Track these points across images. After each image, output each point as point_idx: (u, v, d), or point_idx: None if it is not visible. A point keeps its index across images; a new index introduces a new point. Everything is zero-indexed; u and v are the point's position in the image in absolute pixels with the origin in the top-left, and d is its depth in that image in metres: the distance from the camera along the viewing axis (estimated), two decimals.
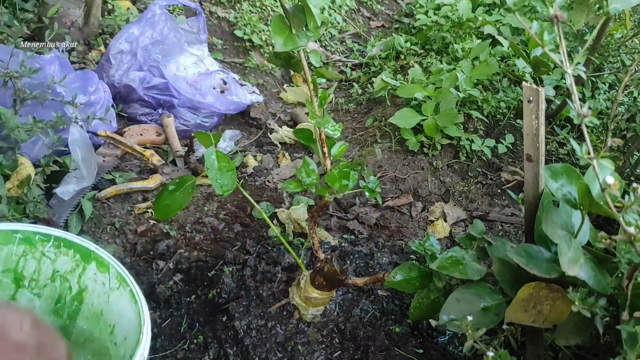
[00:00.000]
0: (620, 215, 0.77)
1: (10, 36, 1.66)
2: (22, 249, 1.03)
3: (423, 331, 1.44)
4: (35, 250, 1.04)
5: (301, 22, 1.07)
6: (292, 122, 2.38)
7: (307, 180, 1.24)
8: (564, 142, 2.20)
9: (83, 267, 1.04)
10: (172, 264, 1.53)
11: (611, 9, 0.88)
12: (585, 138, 0.79)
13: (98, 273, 1.03)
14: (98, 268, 1.03)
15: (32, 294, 1.07)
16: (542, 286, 0.97)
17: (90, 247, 1.02)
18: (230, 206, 1.81)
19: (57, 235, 1.03)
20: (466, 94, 2.10)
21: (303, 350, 1.32)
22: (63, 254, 1.04)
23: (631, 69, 1.44)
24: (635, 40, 2.25)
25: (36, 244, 1.03)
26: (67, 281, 1.06)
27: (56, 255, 1.04)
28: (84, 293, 1.06)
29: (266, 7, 2.84)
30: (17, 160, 1.49)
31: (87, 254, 1.03)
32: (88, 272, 1.04)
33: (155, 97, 2.03)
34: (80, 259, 1.04)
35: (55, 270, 1.05)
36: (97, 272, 1.03)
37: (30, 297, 1.07)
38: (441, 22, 2.75)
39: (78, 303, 1.06)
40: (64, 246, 1.04)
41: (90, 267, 1.03)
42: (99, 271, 1.03)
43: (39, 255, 1.04)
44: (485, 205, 1.98)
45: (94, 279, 1.04)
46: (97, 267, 1.03)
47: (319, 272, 1.30)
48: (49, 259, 1.04)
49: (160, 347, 1.33)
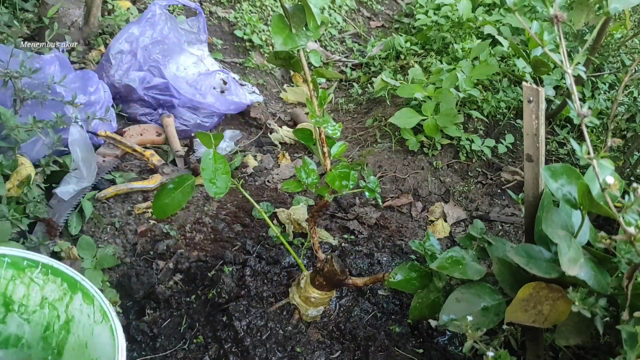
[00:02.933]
0: (620, 215, 0.77)
1: (10, 36, 1.66)
2: (11, 273, 1.01)
3: (423, 331, 1.44)
4: (23, 275, 1.02)
5: (301, 21, 1.07)
6: (292, 122, 2.38)
7: (307, 180, 1.24)
8: (564, 142, 2.20)
9: (70, 297, 1.02)
10: (172, 264, 1.53)
11: (611, 9, 0.88)
12: (585, 138, 0.79)
13: (84, 304, 1.01)
14: (84, 299, 1.01)
15: (22, 319, 1.05)
16: (542, 286, 0.97)
17: (76, 278, 1.00)
18: (230, 206, 1.81)
19: (44, 262, 1.01)
20: (466, 94, 2.10)
21: (303, 350, 1.32)
22: (51, 281, 1.02)
23: (631, 69, 1.44)
24: (635, 40, 2.25)
25: (24, 269, 1.01)
26: (55, 309, 1.04)
27: (44, 282, 1.02)
28: (70, 323, 1.03)
29: (266, 7, 2.84)
30: (17, 160, 1.49)
31: (74, 284, 1.01)
32: (75, 302, 1.02)
33: (155, 97, 2.03)
34: (67, 288, 1.02)
35: (44, 297, 1.03)
36: (82, 303, 1.01)
37: (19, 322, 1.05)
38: (441, 22, 2.75)
39: (65, 332, 1.04)
40: (51, 273, 1.02)
41: (77, 297, 1.01)
42: (85, 303, 1.00)
43: (27, 281, 1.02)
44: (485, 205, 1.98)
45: (80, 309, 1.01)
46: (83, 298, 1.01)
47: (319, 272, 1.30)
48: (38, 285, 1.02)
49: (160, 347, 1.33)
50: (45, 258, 1.02)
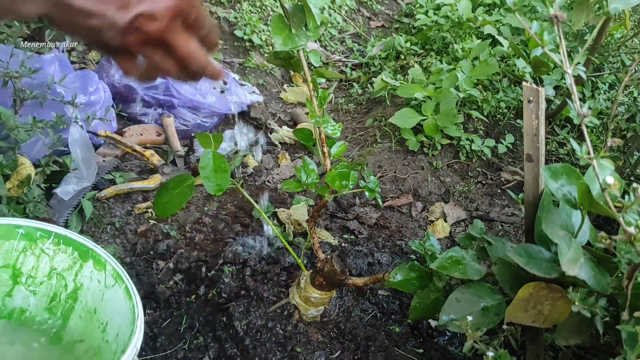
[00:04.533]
0: (620, 215, 0.77)
1: (10, 36, 1.66)
2: (23, 245, 1.03)
3: (423, 331, 1.44)
4: (35, 246, 1.03)
5: (301, 21, 1.07)
6: (292, 122, 2.38)
7: (307, 180, 1.24)
8: (564, 142, 2.20)
9: (80, 265, 1.04)
10: (172, 264, 1.53)
11: (611, 9, 0.88)
12: (585, 138, 0.79)
13: (94, 271, 1.03)
14: (95, 266, 1.03)
15: (28, 291, 1.06)
16: (542, 286, 0.97)
17: (89, 245, 1.02)
18: (230, 206, 1.81)
19: (57, 232, 1.03)
20: (466, 94, 2.10)
21: (303, 350, 1.32)
22: (62, 251, 1.04)
23: (631, 69, 1.43)
24: (635, 40, 2.25)
25: (37, 240, 1.03)
26: (63, 279, 1.06)
27: (55, 253, 1.04)
28: (79, 291, 1.05)
29: (266, 7, 2.84)
30: (17, 160, 1.49)
31: (85, 252, 1.03)
32: (85, 270, 1.04)
33: (155, 97, 2.03)
34: (78, 256, 1.04)
35: (53, 267, 1.05)
36: (93, 270, 1.03)
37: (25, 294, 1.06)
38: (441, 22, 2.75)
39: (72, 301, 1.06)
40: (63, 243, 1.04)
41: (87, 265, 1.03)
42: (96, 269, 1.03)
43: (38, 252, 1.04)
44: (485, 205, 1.98)
45: (89, 277, 1.04)
46: (94, 265, 1.03)
47: (319, 272, 1.30)
48: (48, 255, 1.04)
49: (160, 347, 1.33)
50: (58, 228, 1.04)
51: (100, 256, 1.01)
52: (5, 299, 1.05)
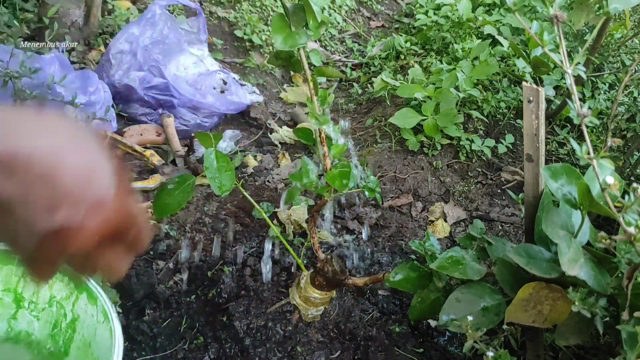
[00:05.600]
0: (620, 215, 0.77)
1: (10, 36, 1.66)
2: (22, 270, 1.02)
3: (423, 331, 1.44)
4: None
5: (301, 20, 1.07)
6: (292, 122, 2.38)
7: (307, 180, 1.24)
8: (564, 142, 2.20)
9: (76, 296, 1.02)
10: (172, 264, 1.53)
11: (611, 9, 0.88)
12: (585, 138, 0.79)
13: (88, 304, 1.01)
14: (88, 299, 1.01)
15: (32, 316, 1.06)
16: (542, 286, 0.97)
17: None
18: (230, 206, 1.81)
19: None
20: (466, 94, 2.10)
21: (303, 350, 1.32)
22: (59, 280, 1.03)
23: (631, 69, 1.43)
24: (635, 40, 2.25)
25: None
26: (62, 308, 1.04)
27: (52, 280, 1.03)
28: (76, 322, 1.04)
29: (266, 7, 2.84)
30: None
31: (79, 284, 1.02)
32: (80, 302, 1.02)
33: (155, 97, 2.03)
34: (74, 287, 1.02)
35: (52, 295, 1.04)
36: (87, 303, 1.01)
37: (30, 319, 1.06)
38: (441, 22, 2.75)
39: (72, 331, 1.05)
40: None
41: (82, 297, 1.01)
42: (89, 303, 1.01)
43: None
44: (485, 205, 1.98)
45: (84, 309, 1.02)
46: (87, 298, 1.01)
47: (319, 272, 1.30)
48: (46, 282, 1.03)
49: (160, 347, 1.33)
50: None
51: (92, 290, 0.99)
52: (11, 321, 1.05)
